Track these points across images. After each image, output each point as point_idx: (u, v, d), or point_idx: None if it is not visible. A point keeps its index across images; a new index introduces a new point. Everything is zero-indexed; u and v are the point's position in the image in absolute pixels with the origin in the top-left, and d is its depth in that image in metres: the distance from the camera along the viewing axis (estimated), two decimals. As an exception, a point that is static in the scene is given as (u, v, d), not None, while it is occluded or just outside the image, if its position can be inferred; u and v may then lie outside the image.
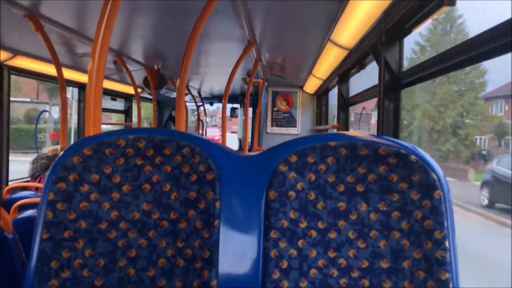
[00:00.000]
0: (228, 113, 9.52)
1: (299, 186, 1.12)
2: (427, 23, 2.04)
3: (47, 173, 1.14)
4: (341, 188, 1.12)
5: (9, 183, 3.84)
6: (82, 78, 4.81)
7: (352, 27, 2.51)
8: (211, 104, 10.87)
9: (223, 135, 4.44)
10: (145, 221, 1.13)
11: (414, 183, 1.08)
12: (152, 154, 1.15)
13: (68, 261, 1.08)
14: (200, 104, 10.24)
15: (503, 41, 1.31)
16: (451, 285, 1.04)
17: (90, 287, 1.08)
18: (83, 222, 1.10)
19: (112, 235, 1.11)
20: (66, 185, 1.11)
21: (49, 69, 3.92)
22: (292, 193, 1.12)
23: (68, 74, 4.34)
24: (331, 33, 2.79)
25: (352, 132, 1.20)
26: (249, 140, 7.30)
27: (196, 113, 10.76)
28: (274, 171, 1.12)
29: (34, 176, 3.30)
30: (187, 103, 9.34)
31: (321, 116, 5.84)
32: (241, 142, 8.97)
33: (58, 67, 3.27)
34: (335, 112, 4.43)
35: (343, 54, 3.18)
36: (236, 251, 1.10)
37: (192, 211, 1.13)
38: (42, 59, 3.88)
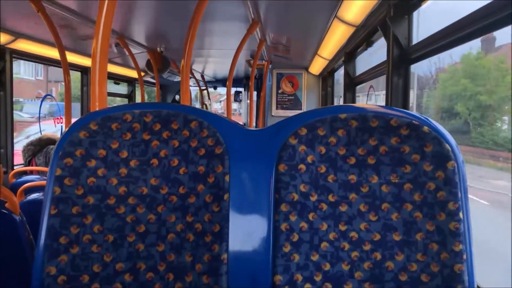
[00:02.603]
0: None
1: (309, 159, 1.10)
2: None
3: (53, 149, 1.12)
4: (352, 160, 1.09)
5: (14, 167, 3.85)
6: (85, 61, 4.77)
7: (359, 2, 2.46)
8: (215, 88, 10.82)
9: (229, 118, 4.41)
10: (154, 196, 1.11)
11: (426, 154, 1.06)
12: (159, 128, 1.13)
13: (77, 237, 1.07)
14: (204, 88, 10.20)
15: None
16: (464, 256, 1.02)
17: (100, 262, 1.07)
18: (91, 198, 1.09)
19: (121, 210, 1.10)
20: (73, 160, 1.09)
21: (52, 53, 3.89)
22: (302, 166, 1.09)
23: (71, 57, 4.31)
24: (338, 9, 2.73)
25: (362, 104, 1.17)
26: (254, 124, 7.28)
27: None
28: (283, 144, 1.10)
29: (26, 161, 3.54)
30: (190, 87, 9.30)
31: (326, 97, 5.79)
32: (246, 125, 8.96)
33: (61, 49, 3.24)
34: (341, 94, 4.39)
35: (350, 31, 3.12)
36: (246, 225, 1.08)
37: (201, 186, 1.12)
38: (44, 42, 3.85)
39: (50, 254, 1.06)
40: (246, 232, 1.08)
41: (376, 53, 3.18)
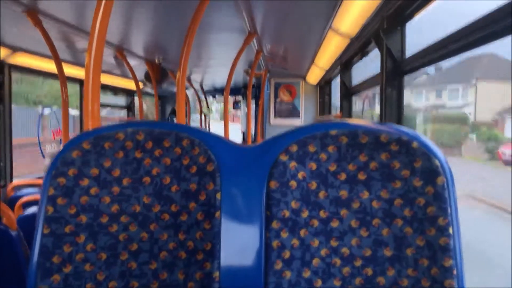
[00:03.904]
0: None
1: (300, 175, 1.11)
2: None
3: (48, 168, 1.13)
4: (343, 176, 1.10)
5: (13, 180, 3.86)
6: (83, 74, 4.79)
7: (353, 14, 2.48)
8: (214, 97, 10.85)
9: (226, 128, 4.43)
10: (146, 214, 1.12)
11: (416, 170, 1.07)
12: (152, 146, 1.14)
13: (70, 256, 1.08)
14: (202, 98, 10.22)
15: (505, 23, 1.29)
16: (455, 271, 1.03)
17: (93, 281, 1.08)
18: (84, 217, 1.10)
19: (113, 229, 1.11)
20: (66, 180, 1.10)
21: (51, 66, 3.91)
22: (293, 183, 1.10)
23: (69, 70, 4.33)
24: (332, 21, 2.76)
25: (353, 119, 1.18)
26: (253, 132, 7.29)
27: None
28: (274, 161, 1.11)
29: None
30: (189, 98, 9.33)
31: (324, 106, 5.80)
32: (245, 135, 8.96)
33: (58, 63, 3.26)
34: (338, 103, 4.40)
35: (345, 42, 3.15)
36: (238, 242, 1.09)
37: (193, 203, 1.12)
38: (42, 56, 3.88)
39: (42, 274, 1.06)
40: (237, 249, 1.09)
41: (373, 62, 3.21)
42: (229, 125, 4.42)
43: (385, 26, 2.25)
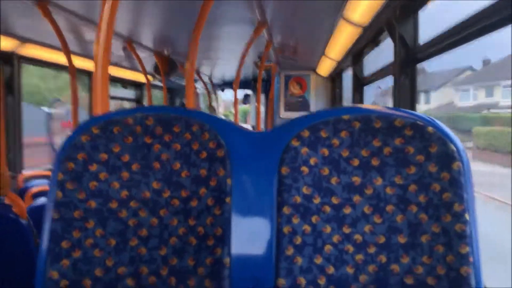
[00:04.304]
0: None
1: (312, 161, 1.08)
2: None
3: (56, 153, 1.12)
4: (356, 162, 1.08)
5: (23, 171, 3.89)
6: (93, 66, 4.79)
7: (365, 2, 2.45)
8: (223, 90, 10.84)
9: (235, 120, 4.41)
10: (156, 200, 1.11)
11: (431, 155, 1.04)
12: (161, 132, 1.12)
13: (79, 241, 1.07)
14: (212, 91, 10.22)
15: None
16: (471, 258, 1.00)
17: (102, 266, 1.07)
18: (93, 202, 1.09)
19: (123, 214, 1.09)
20: (75, 164, 1.09)
21: (60, 57, 3.92)
22: (305, 169, 1.08)
23: (79, 62, 4.34)
24: (344, 10, 2.72)
25: (366, 105, 1.15)
26: (262, 127, 7.27)
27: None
28: (286, 147, 1.09)
29: None
30: (198, 90, 9.33)
31: (335, 99, 5.76)
32: (254, 128, 8.95)
33: (68, 54, 3.26)
34: (350, 95, 4.36)
35: (356, 32, 3.10)
36: (249, 228, 1.07)
37: (203, 189, 1.11)
38: (52, 47, 3.88)
39: (52, 259, 1.06)
40: (248, 235, 1.07)
41: (383, 52, 3.16)
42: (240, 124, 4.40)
43: (398, 14, 2.21)
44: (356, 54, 3.79)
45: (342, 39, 3.51)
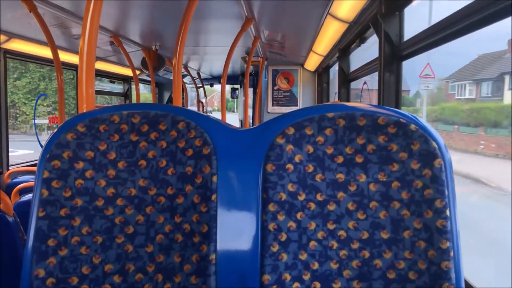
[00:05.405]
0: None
1: (297, 158, 1.10)
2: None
3: (41, 151, 1.12)
4: (340, 159, 1.10)
5: (10, 167, 3.85)
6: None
7: (351, -2, 2.46)
8: (211, 85, 10.80)
9: (223, 115, 4.41)
10: (142, 197, 1.11)
11: (414, 153, 1.06)
12: (147, 129, 1.13)
13: (65, 239, 1.07)
14: (200, 85, 10.18)
15: (505, 4, 1.27)
16: (451, 253, 1.03)
17: (88, 264, 1.08)
18: (79, 200, 1.09)
19: (109, 212, 1.10)
20: (61, 162, 1.09)
21: (46, 52, 3.88)
22: (290, 166, 1.10)
23: (65, 57, 4.30)
24: (330, 6, 2.73)
25: (350, 103, 1.17)
26: (250, 121, 7.28)
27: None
28: (271, 144, 1.10)
29: None
30: (186, 85, 9.29)
31: (322, 93, 5.78)
32: (242, 123, 8.94)
33: (54, 49, 3.23)
34: (337, 90, 4.38)
35: (343, 27, 3.12)
36: (234, 225, 1.09)
37: (189, 186, 1.12)
38: (38, 42, 3.84)
39: (38, 257, 1.06)
40: (234, 232, 1.09)
41: (370, 48, 3.18)
42: (227, 114, 4.40)
43: (383, 11, 2.23)
44: (342, 50, 3.81)
45: (329, 34, 3.52)
